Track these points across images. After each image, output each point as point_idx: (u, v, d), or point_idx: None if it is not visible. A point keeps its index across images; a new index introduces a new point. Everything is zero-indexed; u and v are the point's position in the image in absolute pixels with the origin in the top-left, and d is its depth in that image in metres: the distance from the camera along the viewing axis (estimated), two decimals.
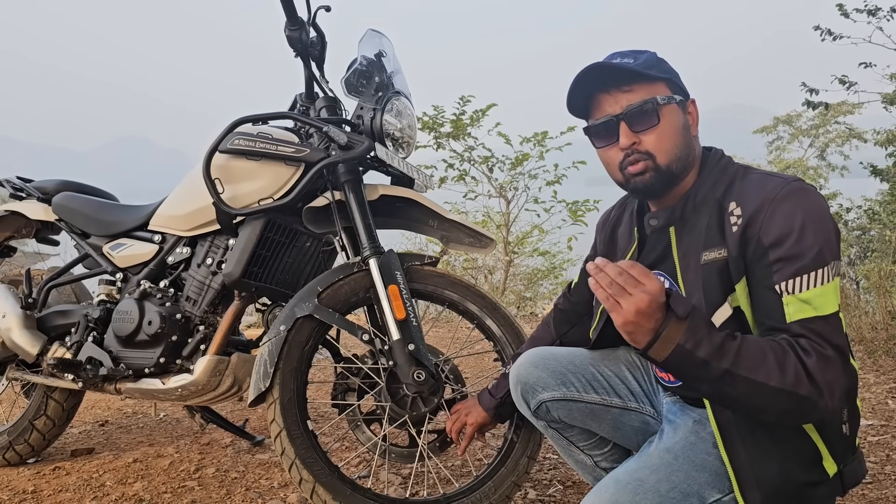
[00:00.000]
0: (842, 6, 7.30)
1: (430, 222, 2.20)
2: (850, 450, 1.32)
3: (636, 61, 1.36)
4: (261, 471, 2.49)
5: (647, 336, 1.16)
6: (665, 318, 1.16)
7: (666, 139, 1.36)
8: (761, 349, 1.17)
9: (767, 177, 1.32)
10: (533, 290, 8.18)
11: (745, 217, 1.26)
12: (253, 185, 2.08)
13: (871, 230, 8.49)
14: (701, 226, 1.35)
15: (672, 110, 1.37)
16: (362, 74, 2.16)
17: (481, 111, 7.13)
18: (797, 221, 1.21)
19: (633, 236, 1.53)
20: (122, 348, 2.25)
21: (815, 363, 1.15)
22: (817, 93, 7.42)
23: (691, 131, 1.40)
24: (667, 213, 1.41)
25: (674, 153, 1.37)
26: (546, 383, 1.63)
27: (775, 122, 23.18)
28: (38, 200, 2.60)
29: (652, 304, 1.14)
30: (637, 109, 1.35)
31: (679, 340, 1.15)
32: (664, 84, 1.38)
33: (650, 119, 1.35)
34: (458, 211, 7.58)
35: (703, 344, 1.16)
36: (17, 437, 2.59)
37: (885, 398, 3.09)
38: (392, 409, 1.94)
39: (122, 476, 2.47)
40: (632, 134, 1.36)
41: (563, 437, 1.71)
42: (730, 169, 1.38)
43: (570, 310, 1.84)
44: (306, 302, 1.93)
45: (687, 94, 1.42)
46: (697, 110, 1.44)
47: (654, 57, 1.40)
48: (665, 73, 1.38)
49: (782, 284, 1.21)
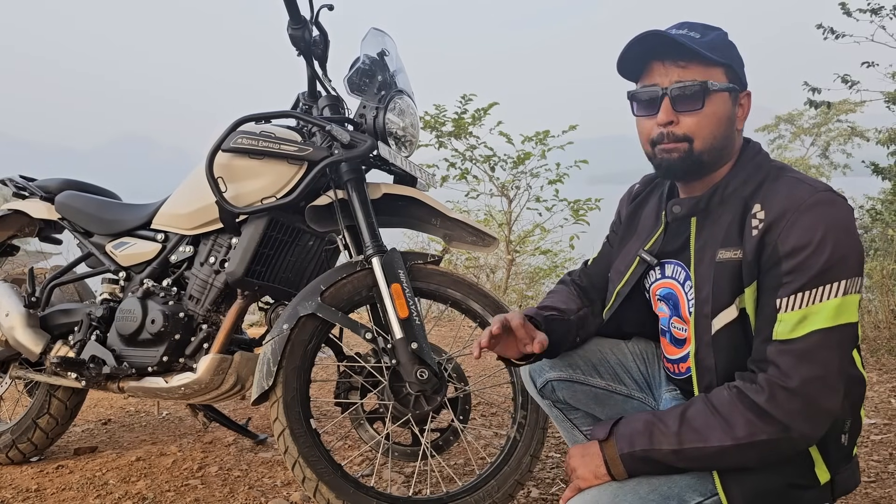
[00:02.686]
0: (844, 5, 7.27)
1: (432, 221, 2.20)
2: (846, 459, 1.32)
3: (702, 38, 1.32)
4: (264, 469, 2.50)
5: (603, 469, 1.30)
6: (601, 452, 1.31)
7: (706, 126, 1.31)
8: (705, 413, 1.23)
9: (797, 182, 1.28)
10: (535, 289, 8.17)
11: (767, 222, 1.25)
12: (256, 184, 2.08)
13: (874, 229, 8.48)
14: (724, 221, 1.33)
15: (721, 98, 1.32)
16: (365, 73, 2.16)
17: (483, 110, 7.13)
18: (818, 234, 1.19)
19: (660, 220, 1.50)
20: (126, 347, 2.25)
21: (768, 401, 1.17)
22: (819, 92, 7.41)
23: (736, 124, 1.36)
24: (692, 203, 1.38)
25: (710, 142, 1.32)
26: (553, 363, 1.65)
27: (777, 121, 23.15)
28: (41, 199, 2.60)
29: (590, 469, 1.31)
30: (685, 88, 1.30)
31: (618, 453, 1.28)
32: (721, 70, 1.32)
33: (695, 102, 1.30)
34: (461, 210, 7.58)
35: (636, 439, 1.27)
36: (20, 436, 2.60)
37: (888, 397, 3.09)
38: (395, 407, 1.94)
39: (126, 474, 2.48)
40: (672, 112, 1.31)
41: (567, 419, 1.72)
42: (764, 166, 1.35)
43: (588, 286, 1.74)
44: (309, 300, 1.93)
45: (744, 85, 1.36)
46: (750, 104, 1.38)
47: (722, 37, 1.34)
48: (727, 58, 1.32)
49: (784, 300, 1.21)
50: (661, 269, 1.49)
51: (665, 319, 1.51)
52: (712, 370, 1.31)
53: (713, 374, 1.31)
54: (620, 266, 1.58)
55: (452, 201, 7.62)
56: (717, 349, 1.31)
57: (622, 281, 1.56)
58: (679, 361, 1.48)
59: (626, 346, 1.68)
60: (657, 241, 1.49)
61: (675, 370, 1.50)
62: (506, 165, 7.41)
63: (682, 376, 1.48)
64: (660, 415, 1.28)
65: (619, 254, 1.60)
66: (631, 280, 1.54)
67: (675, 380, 1.53)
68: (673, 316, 1.48)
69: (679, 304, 1.44)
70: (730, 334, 1.29)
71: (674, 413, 1.26)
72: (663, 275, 1.49)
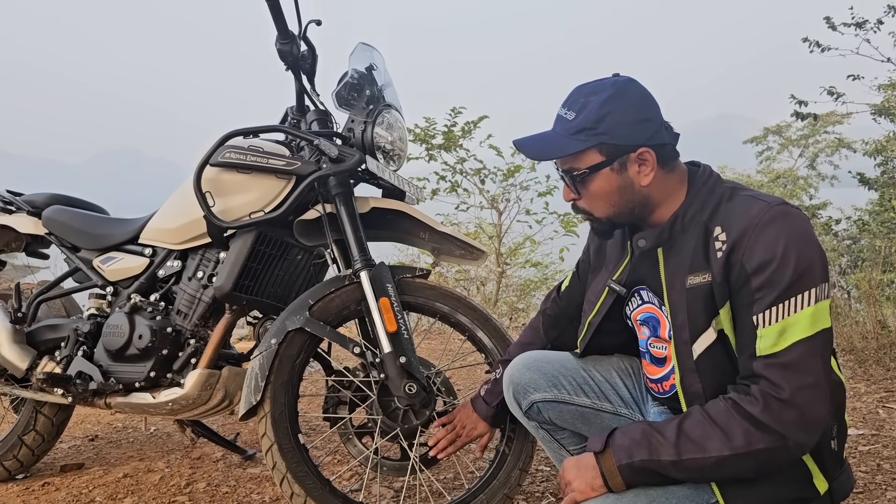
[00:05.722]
0: (829, 19, 7.38)
1: (421, 234, 2.20)
2: (839, 464, 1.34)
3: (575, 117, 1.36)
4: (252, 485, 2.48)
5: (599, 481, 1.30)
6: (597, 464, 1.30)
7: (596, 202, 1.42)
8: (702, 424, 1.23)
9: (752, 200, 1.31)
10: (525, 301, 8.18)
11: (730, 243, 1.27)
12: (244, 199, 2.08)
13: (861, 240, 8.54)
14: (688, 248, 1.36)
15: (600, 178, 1.38)
16: (353, 87, 2.17)
17: (473, 123, 7.16)
18: (780, 247, 1.22)
19: (626, 250, 1.54)
20: (113, 362, 2.24)
21: (763, 412, 1.19)
22: (806, 104, 7.48)
23: (637, 183, 1.38)
24: (655, 234, 1.41)
25: (609, 211, 1.42)
26: (538, 384, 1.66)
27: (765, 132, 23.30)
28: (27, 214, 2.59)
29: (587, 482, 1.31)
30: (565, 178, 1.43)
31: (616, 464, 1.28)
32: (594, 150, 1.36)
33: (574, 188, 1.42)
34: (451, 222, 7.59)
35: (634, 450, 1.26)
36: (5, 453, 2.57)
37: (876, 407, 3.10)
38: (384, 421, 1.94)
39: (113, 491, 2.45)
40: (570, 193, 1.45)
41: (554, 440, 1.73)
42: (717, 189, 1.38)
43: (559, 314, 1.85)
44: (297, 315, 1.93)
45: (633, 147, 1.35)
46: (653, 157, 1.36)
47: (598, 107, 1.35)
48: (595, 136, 1.34)
49: (760, 316, 1.23)
50: (640, 296, 1.51)
51: (643, 341, 1.53)
52: (700, 395, 1.33)
53: (702, 399, 1.33)
54: (591, 297, 1.62)
55: (443, 214, 7.64)
56: (702, 373, 1.32)
57: (593, 311, 1.59)
58: (661, 380, 1.49)
59: (611, 363, 1.69)
60: (624, 270, 1.53)
61: (659, 389, 1.51)
62: (496, 178, 7.44)
63: (666, 395, 1.49)
64: (656, 426, 1.28)
65: (591, 285, 1.65)
66: (602, 310, 1.57)
67: (661, 399, 1.54)
68: (651, 336, 1.49)
69: (658, 326, 1.46)
70: (712, 357, 1.31)
71: (671, 424, 1.27)
72: (642, 301, 1.51)
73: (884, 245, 6.22)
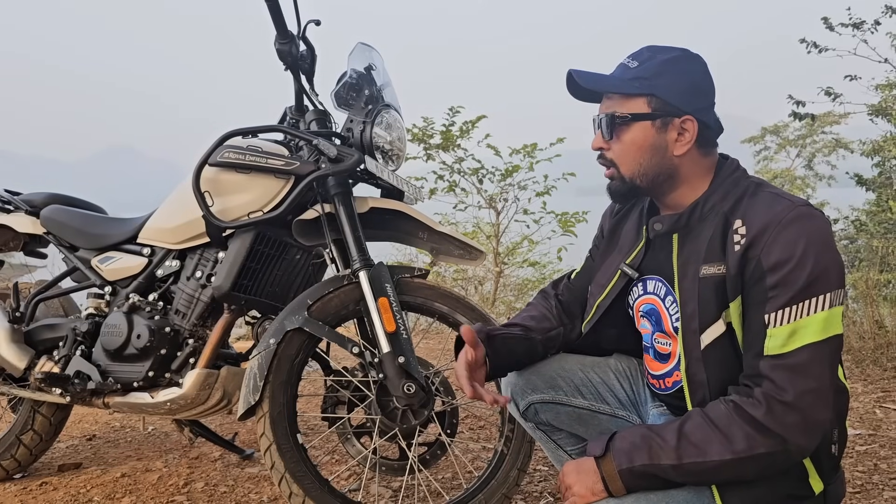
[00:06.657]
0: (827, 19, 7.39)
1: (419, 234, 2.21)
2: (835, 469, 1.34)
3: (639, 66, 1.38)
4: (250, 485, 2.48)
5: (600, 486, 1.28)
6: (597, 468, 1.28)
7: (626, 155, 1.40)
8: (703, 427, 1.23)
9: (776, 197, 1.30)
10: (523, 301, 8.18)
11: (749, 237, 1.27)
12: (242, 198, 2.08)
13: (858, 240, 8.56)
14: (704, 237, 1.35)
15: (640, 128, 1.37)
16: (352, 87, 2.17)
17: (471, 122, 7.16)
18: (799, 248, 1.21)
19: (640, 235, 1.52)
20: (111, 362, 2.24)
21: (766, 415, 1.19)
22: (804, 105, 7.50)
23: (670, 150, 1.37)
24: (672, 220, 1.41)
25: (635, 169, 1.40)
26: (535, 385, 1.65)
27: (763, 132, 23.33)
28: (25, 213, 2.59)
29: (587, 486, 1.28)
30: (604, 119, 1.41)
31: (616, 468, 1.26)
32: (644, 100, 1.36)
33: (610, 133, 1.40)
34: (449, 222, 7.59)
35: (635, 455, 1.25)
36: (3, 453, 2.56)
37: (873, 407, 3.11)
38: (382, 421, 1.94)
39: (111, 491, 2.45)
40: (601, 140, 1.43)
41: (551, 440, 1.72)
42: (742, 182, 1.37)
43: (572, 300, 1.75)
44: (296, 315, 1.93)
45: (679, 112, 1.35)
46: (695, 127, 1.36)
47: (659, 64, 1.37)
48: (650, 87, 1.36)
49: (771, 315, 1.23)
50: (643, 285, 1.50)
51: (648, 336, 1.52)
52: (704, 385, 1.33)
53: (705, 389, 1.32)
54: (602, 279, 1.59)
55: (441, 213, 7.64)
56: (708, 364, 1.32)
57: (603, 294, 1.57)
58: (664, 377, 1.49)
59: (608, 365, 1.68)
60: (638, 254, 1.51)
61: (661, 385, 1.51)
62: (494, 178, 7.43)
63: (667, 391, 1.49)
64: (656, 429, 1.28)
65: (601, 267, 1.62)
66: (612, 293, 1.55)
67: (662, 395, 1.53)
68: (656, 332, 1.49)
69: (661, 320, 1.45)
70: (719, 349, 1.31)
71: (671, 428, 1.26)
72: (645, 291, 1.50)
73: (881, 245, 6.23)
